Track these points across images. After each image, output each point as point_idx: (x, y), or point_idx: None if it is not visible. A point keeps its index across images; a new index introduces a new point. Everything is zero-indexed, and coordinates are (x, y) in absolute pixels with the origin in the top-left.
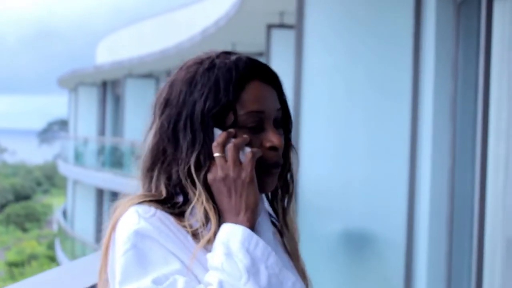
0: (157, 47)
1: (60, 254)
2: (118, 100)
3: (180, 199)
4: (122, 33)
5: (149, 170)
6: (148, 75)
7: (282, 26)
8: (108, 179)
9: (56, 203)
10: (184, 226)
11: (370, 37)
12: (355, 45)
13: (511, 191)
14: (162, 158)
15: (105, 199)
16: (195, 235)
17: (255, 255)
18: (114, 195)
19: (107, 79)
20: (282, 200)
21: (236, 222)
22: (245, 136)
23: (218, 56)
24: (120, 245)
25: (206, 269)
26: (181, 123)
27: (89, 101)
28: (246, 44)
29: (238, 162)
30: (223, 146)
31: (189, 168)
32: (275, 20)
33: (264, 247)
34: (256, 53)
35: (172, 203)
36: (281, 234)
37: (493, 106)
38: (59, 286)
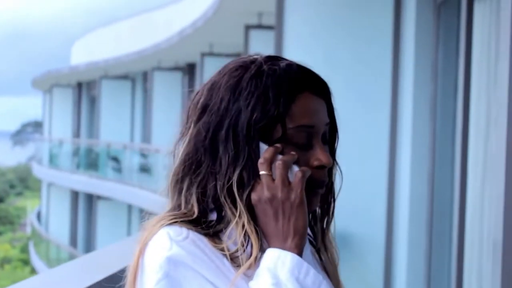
0: (134, 48)
1: (34, 257)
2: (93, 102)
3: (214, 216)
4: (97, 33)
5: (180, 181)
6: (124, 77)
7: (260, 27)
8: (83, 181)
9: (30, 205)
10: (221, 249)
11: (350, 39)
12: (335, 47)
13: (490, 192)
14: (196, 170)
15: (80, 201)
16: (233, 259)
17: (305, 284)
18: (90, 198)
19: (82, 80)
20: (322, 221)
21: (283, 248)
22: (293, 153)
23: (266, 61)
24: (151, 274)
25: None
26: (223, 133)
27: (64, 102)
28: (224, 45)
29: (287, 182)
30: (270, 163)
31: (230, 185)
32: (253, 21)
33: (315, 276)
34: (234, 54)
35: (206, 222)
36: (318, 253)
37: (473, 108)
38: None
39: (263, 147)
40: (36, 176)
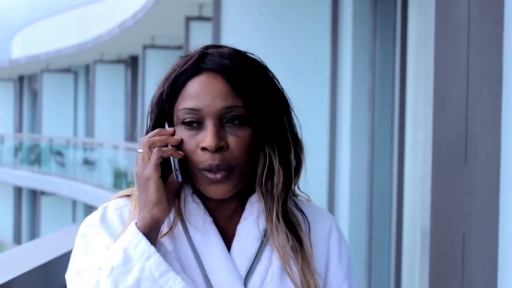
0: (75, 41)
1: None
2: (35, 96)
3: None
4: (38, 26)
5: None
6: (66, 70)
7: (201, 18)
8: (26, 177)
9: None
10: None
11: (289, 29)
12: (273, 38)
13: (428, 181)
14: None
15: (23, 197)
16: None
17: (133, 255)
18: (34, 194)
19: (23, 73)
20: (270, 210)
21: (137, 220)
22: (176, 137)
23: (194, 51)
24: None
25: None
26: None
27: (4, 96)
28: (165, 37)
29: (146, 159)
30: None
31: None
32: (194, 12)
33: (145, 247)
34: (176, 46)
35: None
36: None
37: (410, 98)
38: None
39: (166, 127)
40: None
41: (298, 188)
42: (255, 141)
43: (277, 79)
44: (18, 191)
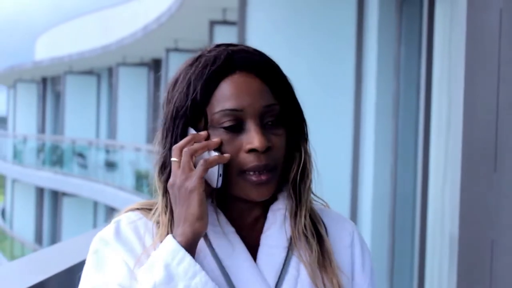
0: (99, 43)
1: None
2: (58, 97)
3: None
4: (62, 28)
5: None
6: (89, 72)
7: (225, 22)
8: (48, 178)
9: None
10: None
11: (313, 33)
12: (298, 41)
13: (457, 187)
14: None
15: (45, 198)
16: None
17: (177, 272)
18: (55, 195)
19: (47, 75)
20: (295, 212)
21: (174, 234)
22: (215, 140)
23: (210, 50)
24: (89, 250)
25: None
26: (162, 122)
27: (28, 98)
28: (189, 41)
29: (187, 169)
30: (181, 150)
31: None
32: (218, 16)
33: (190, 264)
34: (199, 50)
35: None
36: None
37: (435, 104)
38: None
39: (192, 133)
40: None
41: (313, 193)
42: (288, 140)
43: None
44: (40, 192)
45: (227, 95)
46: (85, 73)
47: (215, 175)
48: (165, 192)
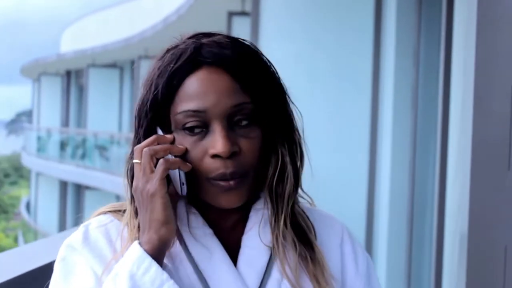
0: (122, 36)
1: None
2: (81, 90)
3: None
4: (87, 21)
5: None
6: (112, 65)
7: (243, 13)
8: (71, 171)
9: (24, 194)
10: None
11: (330, 23)
12: (315, 32)
13: (466, 186)
14: None
15: (68, 191)
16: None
17: (142, 282)
18: (78, 188)
19: (71, 68)
20: (278, 216)
21: (141, 241)
22: (180, 147)
23: (180, 43)
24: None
25: None
26: (134, 123)
27: (52, 91)
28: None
29: (148, 171)
30: (142, 151)
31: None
32: (237, 7)
33: (156, 273)
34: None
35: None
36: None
37: (454, 98)
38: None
39: (160, 133)
40: (25, 166)
41: (302, 189)
42: (265, 141)
43: (270, 62)
44: (63, 185)
45: (190, 94)
46: (108, 66)
47: (177, 183)
48: (132, 195)
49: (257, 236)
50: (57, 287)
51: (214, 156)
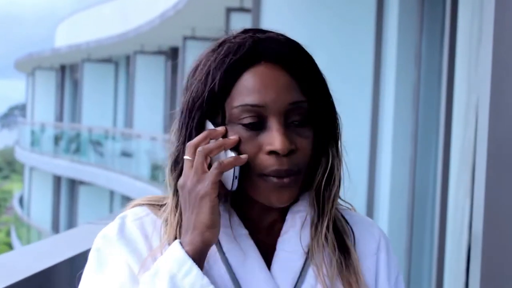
0: (117, 31)
1: (16, 242)
2: (76, 85)
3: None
4: (81, 15)
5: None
6: (107, 60)
7: (241, 9)
8: (65, 166)
9: (16, 189)
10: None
11: (332, 20)
12: (316, 29)
13: (482, 182)
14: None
15: (62, 186)
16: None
17: (182, 284)
18: (72, 183)
19: (65, 63)
20: (321, 220)
21: (181, 242)
22: (232, 138)
23: (236, 36)
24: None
25: None
26: (179, 112)
27: (46, 85)
28: (206, 28)
29: (200, 171)
30: (196, 147)
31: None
32: (235, 3)
33: (197, 278)
34: (216, 38)
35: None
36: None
37: (457, 95)
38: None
39: (210, 128)
40: (19, 160)
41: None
42: (316, 142)
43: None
44: (57, 180)
45: (248, 88)
46: (103, 61)
47: (230, 177)
48: (176, 190)
49: (293, 240)
50: (91, 276)
51: (271, 152)
